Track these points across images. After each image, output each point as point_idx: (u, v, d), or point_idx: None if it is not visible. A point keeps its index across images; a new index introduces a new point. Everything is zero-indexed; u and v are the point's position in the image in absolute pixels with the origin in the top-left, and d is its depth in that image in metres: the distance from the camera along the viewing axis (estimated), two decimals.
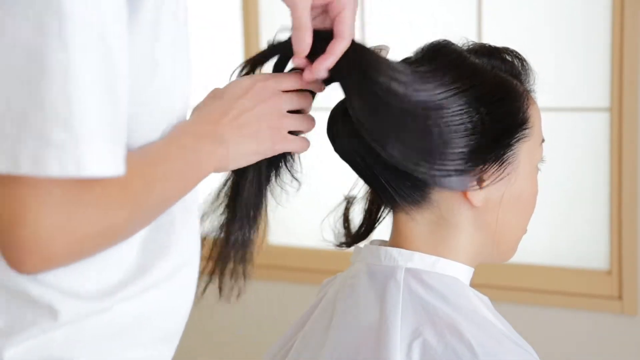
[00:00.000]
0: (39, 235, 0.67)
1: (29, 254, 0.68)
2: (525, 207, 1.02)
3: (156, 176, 0.78)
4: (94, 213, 0.70)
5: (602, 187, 2.30)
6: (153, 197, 0.78)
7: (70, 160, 0.66)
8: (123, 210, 0.73)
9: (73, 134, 0.65)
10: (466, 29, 2.39)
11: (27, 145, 0.65)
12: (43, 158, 0.65)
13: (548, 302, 2.36)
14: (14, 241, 0.67)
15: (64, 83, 0.65)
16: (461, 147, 0.94)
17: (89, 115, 0.66)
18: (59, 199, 0.67)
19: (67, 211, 0.68)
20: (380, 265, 1.00)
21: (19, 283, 0.76)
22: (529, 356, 0.92)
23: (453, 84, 0.95)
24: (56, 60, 0.65)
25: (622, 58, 2.18)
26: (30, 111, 0.65)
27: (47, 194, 0.67)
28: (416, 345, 0.92)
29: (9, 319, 0.77)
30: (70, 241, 0.69)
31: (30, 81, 0.65)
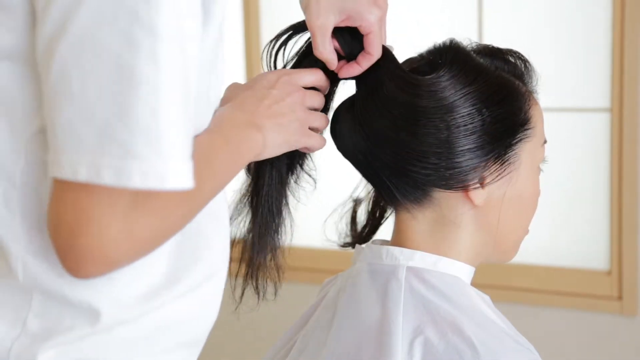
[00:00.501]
0: (102, 244, 0.67)
1: (91, 262, 0.68)
2: (527, 206, 1.02)
3: (207, 172, 0.78)
4: (156, 220, 0.71)
5: (603, 188, 2.31)
6: (204, 193, 0.78)
7: (153, 173, 0.67)
8: (179, 212, 0.75)
9: (156, 147, 0.66)
10: (467, 29, 2.39)
11: (110, 156, 0.66)
12: (125, 170, 0.66)
13: (548, 302, 2.36)
14: (76, 248, 0.68)
15: (152, 98, 0.66)
16: (463, 146, 0.94)
17: (173, 130, 0.68)
18: (123, 208, 0.68)
19: (130, 220, 0.69)
20: (381, 264, 1.01)
21: (59, 288, 0.76)
22: (530, 354, 0.93)
23: (459, 85, 0.95)
24: (146, 74, 0.66)
25: (623, 58, 2.19)
26: (114, 122, 0.66)
27: (112, 204, 0.67)
28: (418, 344, 0.92)
29: (46, 323, 0.77)
30: (131, 247, 0.70)
31: (118, 93, 0.66)
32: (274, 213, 0.97)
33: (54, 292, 0.76)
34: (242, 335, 2.65)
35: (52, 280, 0.76)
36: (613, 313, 2.28)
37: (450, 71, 0.96)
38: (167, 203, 0.72)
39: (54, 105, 0.67)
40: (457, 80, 0.95)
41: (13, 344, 0.77)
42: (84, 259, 0.68)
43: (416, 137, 0.94)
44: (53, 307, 0.77)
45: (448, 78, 0.95)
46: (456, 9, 2.45)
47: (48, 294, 0.76)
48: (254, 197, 0.97)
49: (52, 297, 0.76)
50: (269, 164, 0.96)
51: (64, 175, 0.66)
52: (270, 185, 0.97)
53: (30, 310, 0.77)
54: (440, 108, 0.94)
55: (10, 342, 0.77)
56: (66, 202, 0.68)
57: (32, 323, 0.77)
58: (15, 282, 0.76)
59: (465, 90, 0.95)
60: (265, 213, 0.97)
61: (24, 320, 0.77)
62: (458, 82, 0.95)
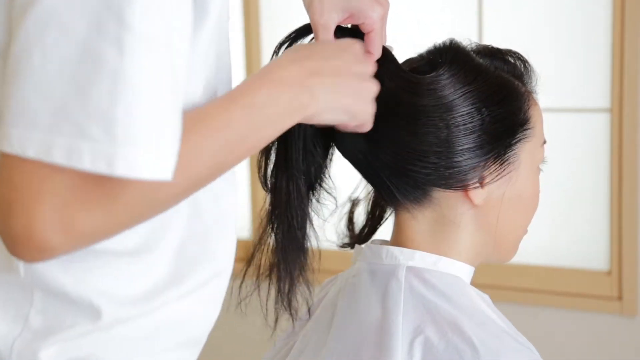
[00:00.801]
0: (35, 229, 0.65)
1: (23, 245, 0.66)
2: (526, 206, 1.02)
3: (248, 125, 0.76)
4: (101, 215, 0.68)
5: (603, 188, 2.31)
6: (232, 153, 0.75)
7: (104, 157, 0.64)
8: (133, 210, 0.70)
9: (111, 131, 0.64)
10: (467, 29, 2.39)
11: (62, 135, 0.64)
12: (77, 150, 0.64)
13: (548, 302, 2.36)
14: (10, 229, 0.66)
15: (112, 83, 0.64)
16: (463, 145, 0.95)
17: (133, 117, 0.65)
18: (64, 195, 0.66)
19: (70, 211, 0.66)
20: (381, 264, 1.01)
21: (60, 284, 0.76)
22: (530, 353, 0.93)
23: (460, 85, 0.95)
24: (109, 59, 0.64)
25: (623, 59, 2.19)
26: (71, 102, 0.64)
27: (54, 188, 0.65)
28: (418, 343, 0.92)
29: (48, 320, 0.77)
30: (67, 238, 0.67)
31: (78, 73, 0.64)
32: (296, 229, 0.96)
33: (54, 289, 0.76)
34: (242, 335, 2.65)
35: (52, 276, 0.76)
36: (613, 313, 2.29)
37: (450, 70, 0.96)
38: (115, 198, 0.68)
39: (13, 78, 0.65)
40: (457, 79, 0.96)
41: (15, 341, 0.77)
42: (17, 242, 0.66)
43: (416, 137, 0.95)
44: (54, 303, 0.77)
45: (448, 77, 0.95)
46: (456, 9, 2.45)
47: (49, 290, 0.76)
48: (274, 215, 0.97)
49: (53, 293, 0.76)
50: (286, 180, 0.95)
51: (11, 150, 0.64)
52: (289, 202, 0.95)
53: (32, 307, 0.77)
54: (440, 107, 0.94)
55: (12, 338, 0.77)
56: (8, 178, 0.66)
57: (34, 319, 0.77)
58: (17, 278, 0.76)
59: (465, 89, 0.95)
60: (287, 230, 0.96)
61: (25, 316, 0.77)
62: (458, 81, 0.95)
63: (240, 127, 0.76)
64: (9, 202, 0.65)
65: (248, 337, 2.66)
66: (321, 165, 1.00)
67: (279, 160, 0.96)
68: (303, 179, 0.96)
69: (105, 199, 0.67)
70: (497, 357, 0.89)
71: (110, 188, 0.67)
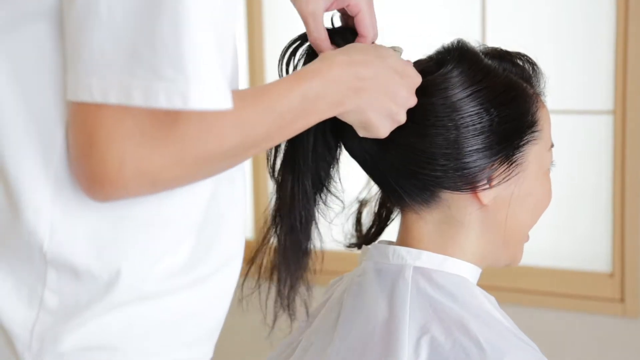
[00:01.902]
0: (114, 163, 0.69)
1: (98, 183, 0.70)
2: (535, 206, 1.02)
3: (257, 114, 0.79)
4: (175, 151, 0.72)
5: (605, 190, 2.31)
6: (239, 137, 0.78)
7: (177, 93, 0.68)
8: (204, 147, 0.74)
9: (180, 68, 0.68)
10: (470, 32, 2.40)
11: (138, 78, 0.68)
12: (153, 90, 0.68)
13: (550, 304, 2.36)
14: (90, 167, 0.70)
15: (176, 20, 0.68)
16: (472, 147, 0.95)
17: (197, 53, 0.69)
18: (134, 135, 0.70)
19: (146, 147, 0.70)
20: (388, 264, 1.01)
21: (82, 258, 0.76)
22: (535, 352, 0.93)
23: (468, 84, 0.96)
24: (169, 2, 0.67)
25: (626, 61, 2.19)
26: (141, 47, 0.68)
27: (123, 129, 0.69)
28: (424, 342, 0.92)
29: (63, 300, 0.77)
30: (142, 175, 0.71)
31: (143, 15, 0.67)
32: (299, 231, 0.96)
33: (72, 264, 0.76)
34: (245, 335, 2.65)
35: (75, 250, 0.76)
36: (615, 315, 2.29)
37: (458, 68, 0.96)
38: (190, 132, 0.72)
39: (81, 30, 0.68)
40: (466, 77, 0.96)
41: (34, 325, 0.77)
42: (94, 180, 0.70)
43: (425, 139, 0.95)
44: (69, 282, 0.77)
45: (457, 74, 0.96)
46: (459, 12, 2.45)
47: (65, 266, 0.76)
48: (278, 215, 0.97)
49: (69, 270, 0.76)
50: (292, 181, 0.96)
51: (92, 99, 0.68)
52: (293, 203, 0.96)
53: (46, 287, 0.77)
54: (450, 106, 0.95)
55: (31, 323, 0.77)
56: (82, 125, 0.70)
57: (50, 300, 0.77)
58: (30, 259, 0.76)
59: (474, 88, 0.95)
60: (289, 232, 0.96)
61: (40, 298, 0.77)
62: (467, 79, 0.96)
63: (292, 109, 0.81)
64: (85, 145, 0.70)
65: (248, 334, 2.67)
66: (329, 167, 1.01)
67: (287, 159, 0.97)
68: (310, 180, 0.97)
69: (173, 139, 0.72)
70: (503, 356, 0.89)
71: (176, 129, 0.72)
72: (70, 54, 0.70)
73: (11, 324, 0.77)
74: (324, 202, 1.01)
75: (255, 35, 2.70)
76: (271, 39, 2.70)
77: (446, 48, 1.00)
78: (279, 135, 0.82)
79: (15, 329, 0.77)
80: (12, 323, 0.77)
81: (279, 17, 2.67)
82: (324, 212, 1.01)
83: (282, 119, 0.80)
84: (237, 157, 0.80)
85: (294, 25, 1.02)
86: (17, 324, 0.77)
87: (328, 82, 0.84)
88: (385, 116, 0.91)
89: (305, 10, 0.94)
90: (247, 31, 2.72)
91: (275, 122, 0.80)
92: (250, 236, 2.79)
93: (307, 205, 0.97)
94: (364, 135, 0.94)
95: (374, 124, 0.91)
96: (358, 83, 0.87)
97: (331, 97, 0.84)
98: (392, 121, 0.92)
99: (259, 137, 0.79)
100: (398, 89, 0.90)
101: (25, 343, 0.77)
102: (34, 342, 0.77)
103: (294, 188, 0.96)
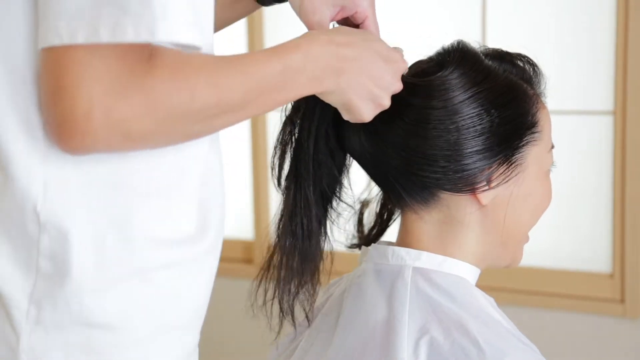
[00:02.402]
0: (76, 113, 0.69)
1: (66, 131, 0.70)
2: (534, 206, 1.02)
3: (231, 73, 0.78)
4: (145, 100, 0.71)
5: (606, 191, 2.31)
6: (212, 95, 0.77)
7: (145, 27, 0.69)
8: (176, 100, 0.73)
9: (147, 4, 0.69)
10: (470, 32, 2.40)
11: (106, 16, 0.69)
12: (120, 25, 0.69)
13: (550, 304, 2.36)
14: (59, 112, 0.70)
15: None
16: (472, 148, 0.95)
17: None
18: (103, 80, 0.69)
19: (109, 94, 0.69)
20: (387, 264, 1.01)
21: (63, 219, 0.76)
22: (534, 354, 0.93)
23: (469, 85, 0.96)
24: None
25: (627, 61, 2.19)
26: None
27: (92, 73, 0.69)
28: (423, 343, 0.92)
29: (56, 264, 0.76)
30: (111, 124, 0.70)
31: None
32: (300, 240, 0.97)
33: (66, 230, 0.76)
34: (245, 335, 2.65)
35: (71, 211, 0.76)
36: (615, 316, 2.29)
37: (459, 69, 0.96)
38: (162, 84, 0.72)
39: None
40: (466, 79, 0.96)
41: (32, 291, 0.77)
42: (63, 128, 0.70)
43: (426, 141, 0.95)
44: (62, 247, 0.76)
45: (457, 76, 0.96)
46: (459, 12, 2.45)
47: (60, 230, 0.76)
48: (281, 223, 0.97)
49: (62, 236, 0.76)
50: (294, 190, 0.97)
51: (60, 41, 0.69)
52: (294, 212, 0.96)
53: (40, 254, 0.76)
54: (450, 108, 0.95)
55: (29, 288, 0.77)
56: (51, 70, 0.70)
57: (44, 265, 0.77)
58: (24, 221, 0.76)
59: (475, 89, 0.96)
60: (291, 241, 0.97)
61: (36, 264, 0.77)
62: (467, 81, 0.96)
63: (271, 79, 0.80)
64: (54, 90, 0.70)
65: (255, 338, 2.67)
66: (335, 176, 1.01)
67: (291, 169, 0.98)
68: (312, 190, 0.97)
69: (142, 88, 0.71)
70: (503, 356, 0.89)
71: (147, 79, 0.71)
72: (42, 4, 0.70)
73: (9, 290, 0.77)
74: (332, 207, 1.01)
75: (255, 35, 2.71)
76: (271, 39, 2.70)
77: (446, 49, 1.00)
78: (256, 105, 0.81)
79: (13, 295, 0.77)
80: (9, 289, 0.77)
81: (279, 16, 2.67)
82: (332, 216, 1.02)
83: (259, 87, 0.79)
84: (213, 120, 0.78)
85: (294, 25, 1.02)
86: (14, 290, 0.77)
87: (308, 58, 0.83)
88: (368, 99, 0.90)
89: (312, 20, 0.94)
90: (247, 31, 2.72)
91: (252, 89, 0.79)
92: (250, 236, 2.79)
93: (308, 214, 0.97)
94: (349, 119, 0.94)
95: (356, 106, 0.90)
96: (338, 63, 0.86)
97: (311, 72, 0.83)
98: (375, 105, 0.91)
99: (234, 102, 0.78)
100: (381, 72, 0.90)
101: (23, 310, 0.77)
102: (32, 309, 0.77)
103: (295, 197, 0.97)
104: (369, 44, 0.90)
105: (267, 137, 2.70)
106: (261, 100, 0.81)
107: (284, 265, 0.97)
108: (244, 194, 2.79)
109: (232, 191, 2.53)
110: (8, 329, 0.77)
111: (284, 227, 0.97)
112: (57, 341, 0.77)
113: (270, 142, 2.68)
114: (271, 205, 2.70)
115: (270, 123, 2.69)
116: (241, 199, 2.78)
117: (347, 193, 1.03)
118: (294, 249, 0.97)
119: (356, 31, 0.92)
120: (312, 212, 0.97)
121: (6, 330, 0.77)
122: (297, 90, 0.84)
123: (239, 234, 2.79)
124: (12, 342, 0.77)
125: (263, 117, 2.69)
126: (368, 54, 0.89)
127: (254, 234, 2.76)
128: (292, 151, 0.98)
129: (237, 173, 2.77)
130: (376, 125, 0.95)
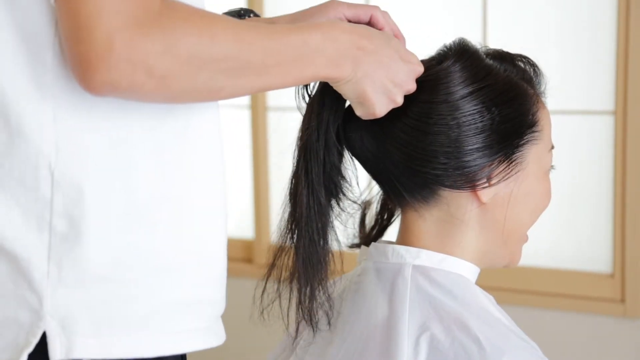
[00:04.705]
0: (97, 49, 0.69)
1: (90, 68, 0.70)
2: (534, 205, 1.03)
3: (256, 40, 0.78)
4: (159, 42, 0.71)
5: (606, 190, 2.31)
6: (235, 53, 0.77)
7: None
8: (194, 47, 0.73)
9: None
10: (471, 32, 2.40)
11: None
12: None
13: (551, 304, 2.36)
14: (74, 56, 0.70)
15: None
16: (472, 145, 0.96)
17: None
18: (122, 14, 0.70)
19: (128, 29, 0.70)
20: (387, 263, 1.01)
21: (77, 175, 0.76)
22: (535, 351, 0.93)
23: (470, 81, 0.96)
24: None
25: (627, 61, 2.19)
26: None
27: (110, 8, 0.69)
28: (424, 340, 0.92)
29: (72, 221, 0.76)
30: (131, 60, 0.70)
31: None
32: (317, 243, 0.97)
33: (79, 181, 0.76)
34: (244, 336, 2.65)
35: (82, 163, 0.76)
36: (616, 316, 2.28)
37: (460, 63, 0.97)
38: (180, 25, 0.72)
39: None
40: (467, 73, 0.97)
41: (50, 251, 0.77)
42: (85, 65, 0.70)
43: (427, 137, 0.96)
44: (75, 204, 0.76)
45: (459, 69, 0.97)
46: (460, 13, 2.45)
47: (71, 186, 0.76)
48: (293, 226, 0.97)
49: (75, 189, 0.76)
50: (307, 194, 0.96)
51: None
52: (310, 216, 0.96)
53: (54, 213, 0.76)
54: (452, 104, 0.95)
55: (45, 249, 0.77)
56: (69, 10, 0.70)
57: (59, 224, 0.77)
58: (36, 183, 0.76)
59: (476, 86, 0.96)
60: (308, 244, 0.96)
61: (49, 223, 0.77)
62: (469, 77, 0.96)
63: (292, 49, 0.81)
64: (73, 29, 0.70)
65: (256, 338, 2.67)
66: (343, 177, 1.01)
67: (299, 171, 0.97)
68: (323, 192, 0.97)
69: (162, 27, 0.71)
70: (503, 354, 0.90)
71: (162, 15, 0.71)
72: None
73: (26, 253, 0.76)
74: (341, 208, 1.01)
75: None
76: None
77: (448, 47, 1.01)
78: (274, 74, 0.80)
79: (31, 257, 0.76)
80: (26, 252, 0.76)
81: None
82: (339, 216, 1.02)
83: (279, 53, 0.79)
84: (235, 78, 0.78)
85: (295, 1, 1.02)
86: (31, 252, 0.76)
87: (328, 39, 0.84)
88: (382, 93, 0.91)
89: None
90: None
91: (272, 53, 0.79)
92: (250, 236, 2.79)
93: (322, 217, 0.97)
94: (360, 115, 0.94)
95: (370, 98, 0.90)
96: (357, 52, 0.87)
97: (330, 54, 0.84)
98: (389, 100, 0.92)
99: (254, 60, 0.78)
100: (398, 68, 0.91)
101: (43, 271, 0.76)
102: (52, 269, 0.76)
103: (309, 201, 0.96)
104: (389, 41, 0.92)
105: (267, 137, 2.70)
106: (280, 70, 0.81)
107: (301, 270, 0.96)
108: (245, 193, 2.79)
109: (232, 191, 2.53)
110: (28, 293, 0.77)
111: (300, 231, 0.96)
112: (81, 299, 0.77)
113: (270, 142, 2.68)
114: (272, 205, 2.70)
115: (271, 123, 2.69)
116: (241, 199, 2.78)
117: (353, 192, 1.03)
118: (310, 253, 0.96)
119: (377, 31, 0.93)
120: (325, 215, 0.97)
121: (26, 294, 0.77)
122: (315, 70, 0.84)
123: (240, 234, 2.79)
124: (34, 304, 0.77)
125: (263, 117, 2.69)
126: (387, 50, 0.90)
127: (254, 234, 2.76)
128: (302, 156, 0.98)
129: (237, 173, 2.77)
130: (379, 121, 0.95)
